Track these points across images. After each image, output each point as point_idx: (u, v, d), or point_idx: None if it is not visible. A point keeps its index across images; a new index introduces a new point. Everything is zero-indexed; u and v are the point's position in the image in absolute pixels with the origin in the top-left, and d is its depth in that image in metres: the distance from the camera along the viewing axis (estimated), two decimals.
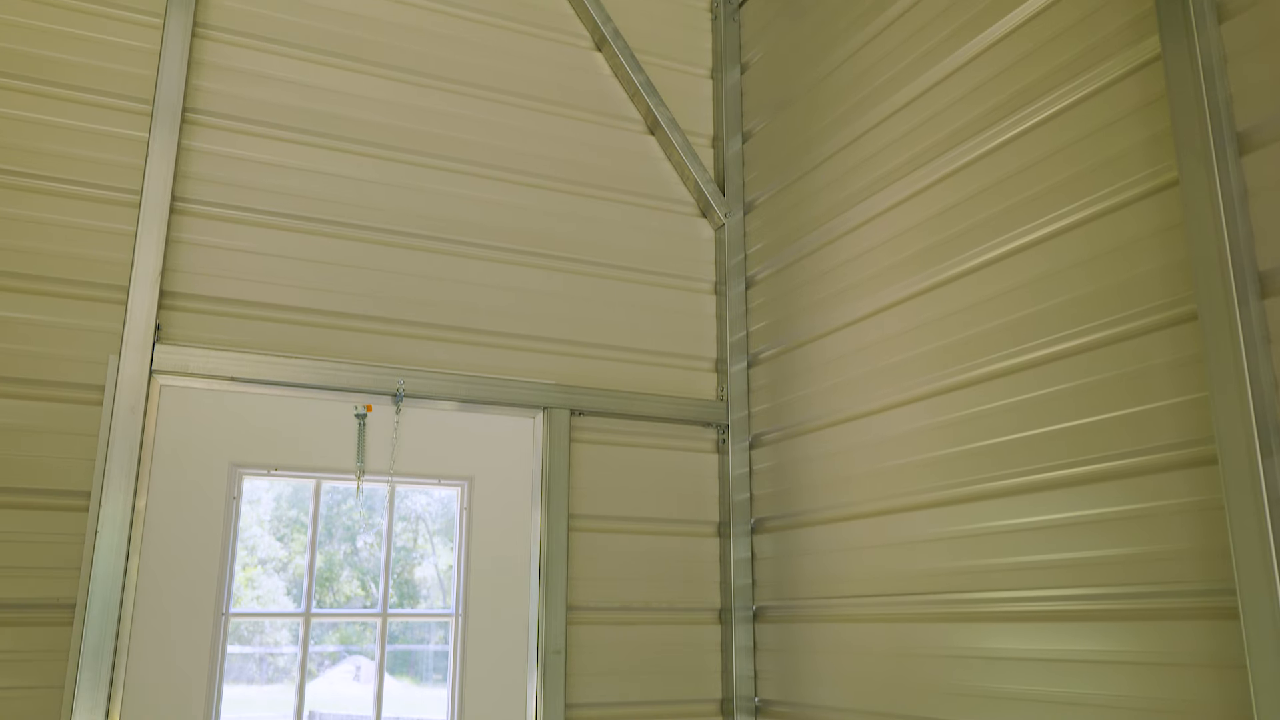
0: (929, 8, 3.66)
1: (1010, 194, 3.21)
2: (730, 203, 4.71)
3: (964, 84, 3.45)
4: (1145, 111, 2.77)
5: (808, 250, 4.22)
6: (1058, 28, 3.08)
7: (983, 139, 3.34)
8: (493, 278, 4.19)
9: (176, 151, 3.66)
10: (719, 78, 4.92)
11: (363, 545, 3.90)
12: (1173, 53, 2.62)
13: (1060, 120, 3.04)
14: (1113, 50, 2.89)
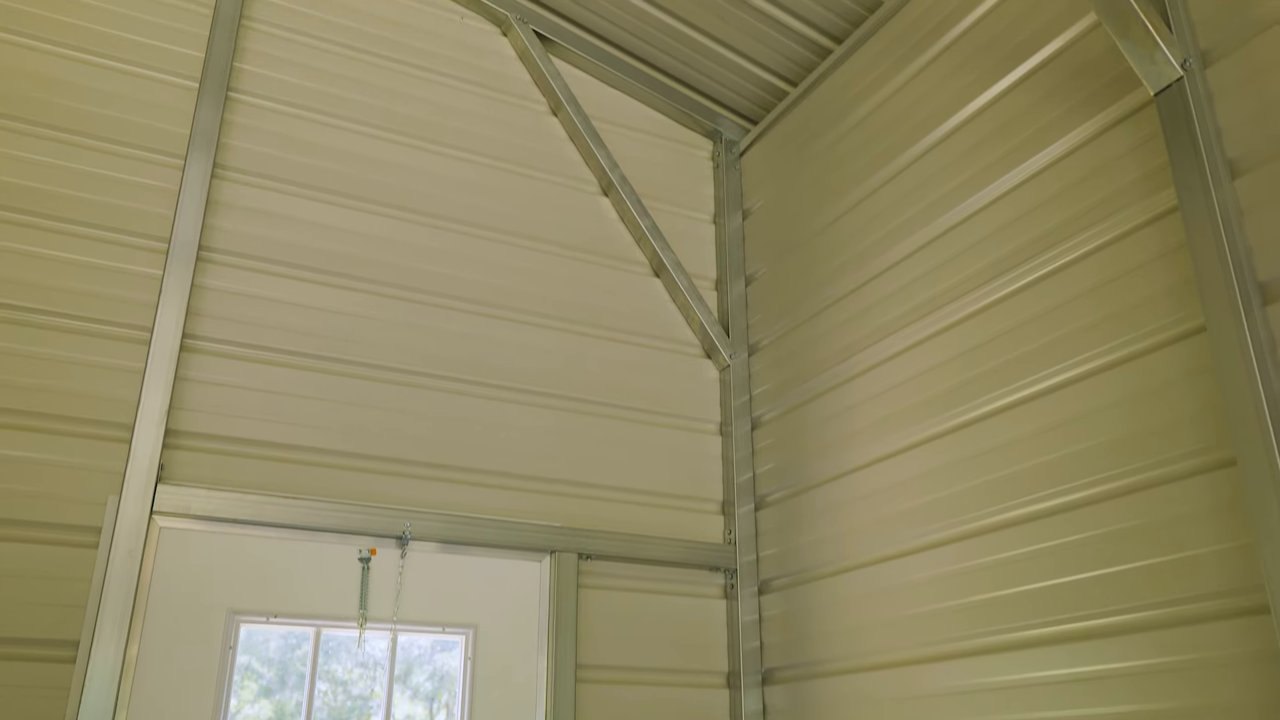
0: (937, 159, 3.78)
1: (1027, 340, 3.25)
2: (735, 344, 4.74)
3: (974, 233, 3.54)
4: (1166, 260, 2.84)
5: (816, 393, 4.22)
6: (1072, 178, 3.18)
7: (996, 285, 3.39)
8: (499, 417, 4.14)
9: (190, 289, 3.63)
10: (721, 223, 5.03)
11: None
12: (1190, 207, 2.71)
13: (1078, 267, 3.10)
14: (1129, 201, 2.97)
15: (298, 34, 4.25)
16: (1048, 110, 3.31)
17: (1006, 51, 3.52)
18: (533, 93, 4.78)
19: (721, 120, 5.16)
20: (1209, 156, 2.69)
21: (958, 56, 3.76)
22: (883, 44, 4.21)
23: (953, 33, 3.81)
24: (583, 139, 4.72)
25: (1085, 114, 3.16)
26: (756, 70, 4.84)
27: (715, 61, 4.86)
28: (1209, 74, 2.78)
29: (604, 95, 4.96)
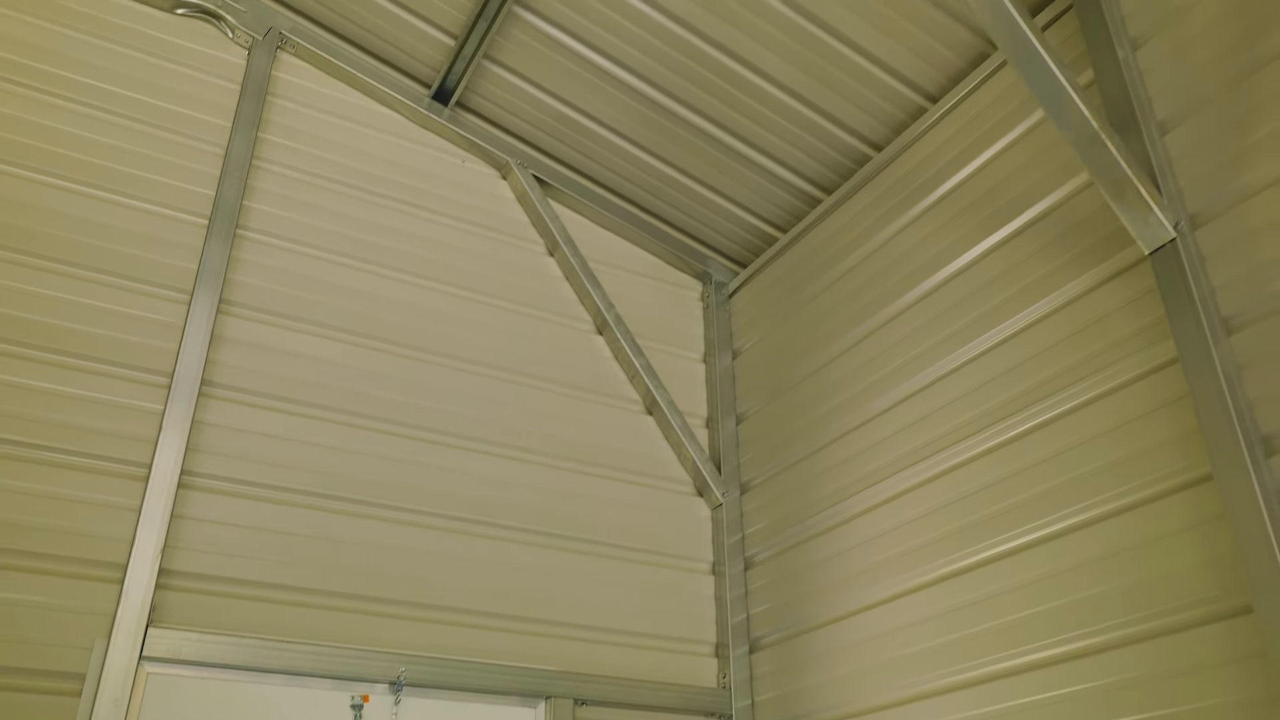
0: (929, 308, 3.91)
1: (1027, 486, 3.31)
2: (727, 482, 4.75)
3: (969, 381, 3.63)
4: (1168, 410, 2.93)
5: (811, 534, 4.23)
6: (1068, 330, 3.30)
7: (994, 431, 3.47)
8: (492, 555, 4.08)
9: (190, 424, 3.59)
10: (712, 362, 5.11)
11: None
12: (1191, 360, 2.82)
13: (1077, 416, 3.19)
14: (1127, 353, 3.09)
15: (307, 174, 4.34)
16: (1041, 264, 3.46)
17: (998, 207, 3.70)
18: (530, 233, 4.90)
19: (711, 262, 5.31)
20: (1206, 313, 2.82)
21: (949, 211, 3.94)
22: (872, 196, 4.41)
23: (943, 188, 4.00)
24: (579, 279, 4.82)
25: (1079, 269, 3.31)
26: (746, 216, 5.02)
27: (706, 207, 5.04)
28: (1199, 235, 2.95)
29: (599, 237, 5.09)
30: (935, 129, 4.14)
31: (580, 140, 4.86)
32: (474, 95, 4.79)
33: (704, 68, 4.36)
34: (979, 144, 3.87)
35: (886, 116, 4.36)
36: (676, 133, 4.68)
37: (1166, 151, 3.11)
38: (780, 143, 4.60)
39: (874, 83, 4.23)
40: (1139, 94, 3.22)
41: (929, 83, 4.19)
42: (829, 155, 4.60)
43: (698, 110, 4.56)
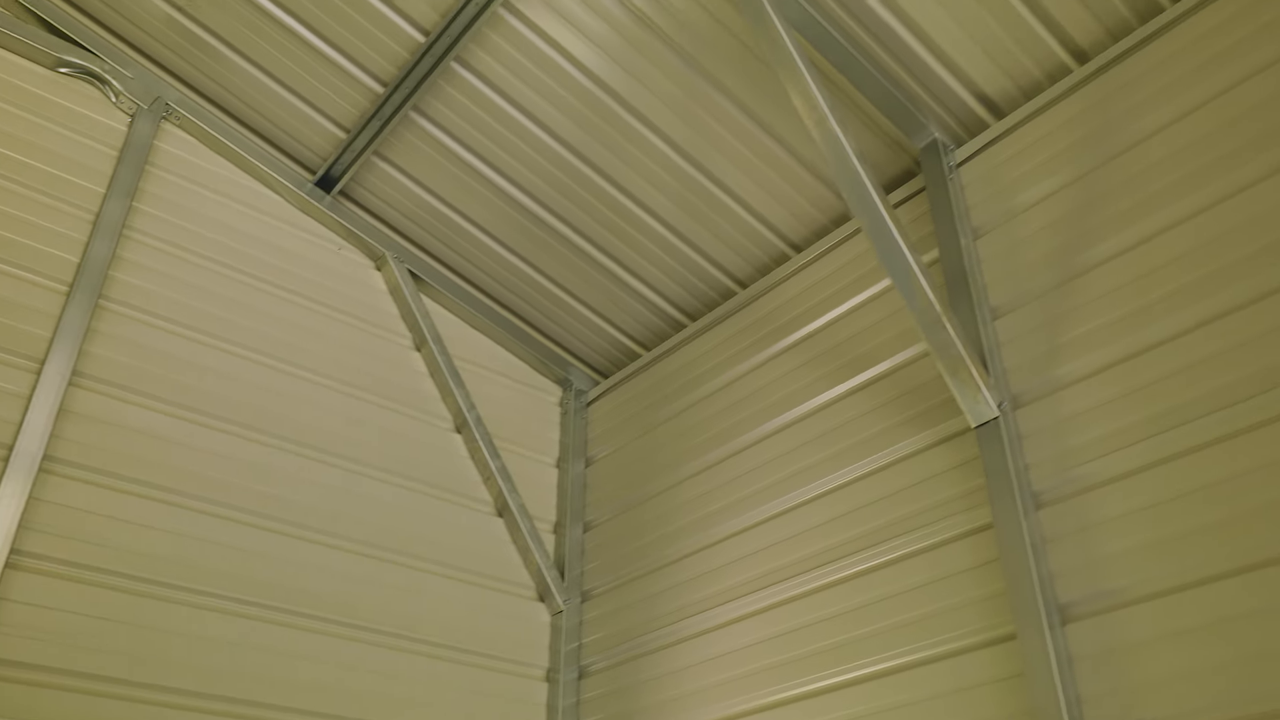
0: (777, 445, 4.16)
1: (850, 627, 3.54)
2: (569, 590, 4.84)
3: (807, 519, 3.89)
4: (981, 571, 3.24)
5: (646, 650, 4.36)
6: (899, 484, 3.60)
7: (824, 572, 3.71)
8: (320, 651, 4.00)
9: (26, 501, 3.43)
10: (565, 468, 5.23)
11: None
12: (1004, 529, 3.13)
13: (900, 566, 3.47)
14: (949, 513, 3.40)
15: (178, 248, 4.27)
16: (880, 420, 3.78)
17: (847, 360, 4.02)
18: (399, 327, 4.94)
19: (573, 370, 5.47)
20: (1019, 488, 3.16)
21: (802, 356, 4.24)
22: (733, 330, 4.68)
23: (799, 333, 4.30)
24: (442, 376, 4.88)
25: (914, 429, 3.63)
26: (611, 330, 5.22)
27: (573, 317, 5.21)
28: (1019, 415, 3.31)
29: (467, 336, 5.18)
30: (797, 276, 4.46)
31: (459, 241, 4.97)
32: (358, 187, 4.84)
33: (586, 191, 4.57)
34: (835, 298, 4.21)
35: (752, 258, 4.67)
36: (553, 246, 4.86)
37: (996, 335, 3.48)
38: (650, 267, 4.84)
39: (743, 226, 4.54)
40: (976, 279, 3.61)
41: (794, 233, 4.53)
42: (695, 285, 4.87)
43: (576, 228, 4.75)
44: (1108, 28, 3.56)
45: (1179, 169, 3.16)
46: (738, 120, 4.16)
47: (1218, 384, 2.84)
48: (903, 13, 3.65)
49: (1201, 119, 3.16)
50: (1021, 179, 3.65)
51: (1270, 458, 2.66)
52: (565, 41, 4.07)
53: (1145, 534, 2.86)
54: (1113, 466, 3.00)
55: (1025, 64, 3.72)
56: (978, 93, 3.84)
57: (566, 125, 4.35)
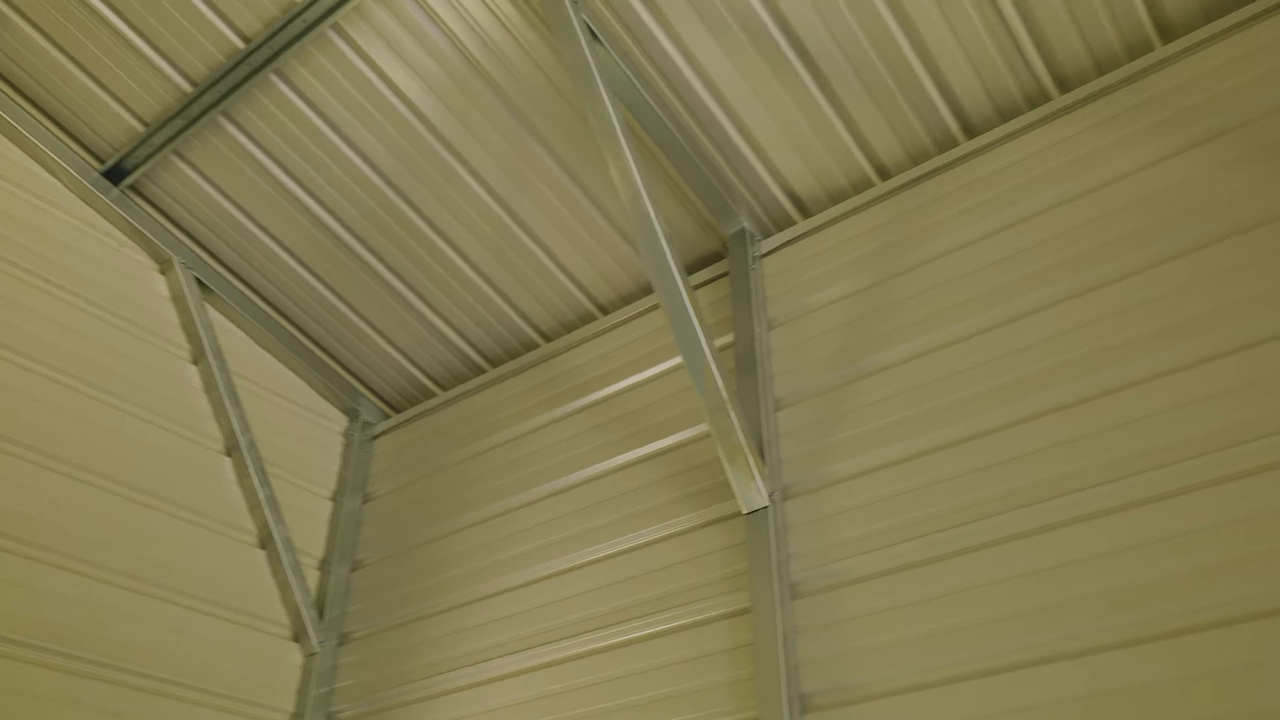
0: (560, 505, 4.15)
1: (605, 698, 3.55)
2: (326, 631, 4.63)
3: (577, 584, 3.89)
4: (734, 654, 3.32)
5: (401, 701, 4.22)
6: (671, 559, 3.65)
7: (584, 640, 3.71)
8: (41, 687, 3.65)
9: None
10: (340, 502, 5.03)
11: None
12: (760, 616, 3.23)
13: (660, 642, 3.52)
14: (713, 594, 3.47)
15: None
16: (660, 493, 3.83)
17: (637, 429, 4.07)
18: (178, 336, 4.63)
19: (362, 401, 5.28)
20: (779, 577, 3.27)
21: (596, 418, 4.26)
22: (532, 382, 4.66)
23: (595, 395, 4.33)
24: (218, 394, 4.61)
25: (690, 507, 3.71)
26: (407, 365, 5.09)
27: (368, 346, 5.05)
28: (788, 506, 3.43)
29: (251, 352, 4.92)
30: (600, 339, 4.50)
31: (255, 254, 4.73)
32: (150, 184, 4.54)
33: (397, 223, 4.46)
34: (633, 366, 4.26)
35: (559, 313, 4.68)
36: (356, 273, 4.71)
37: (777, 426, 3.62)
38: (455, 308, 4.76)
39: (553, 281, 4.54)
40: (765, 369, 3.74)
41: (602, 295, 4.56)
42: (499, 331, 4.82)
43: (382, 258, 4.62)
44: (909, 152, 3.80)
45: (962, 291, 3.39)
46: (558, 178, 4.17)
47: (969, 499, 3.04)
48: (727, 105, 3.78)
49: (988, 248, 3.41)
50: (819, 278, 3.83)
51: (1004, 573, 2.86)
52: (394, 74, 3.98)
53: (888, 634, 3.01)
54: (866, 566, 3.16)
55: (833, 170, 3.92)
56: (788, 189, 4.01)
57: (385, 156, 4.24)
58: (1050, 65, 3.52)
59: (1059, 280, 3.18)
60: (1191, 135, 3.14)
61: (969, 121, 3.70)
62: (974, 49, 3.51)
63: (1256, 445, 2.58)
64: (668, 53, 3.69)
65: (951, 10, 3.43)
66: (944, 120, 3.70)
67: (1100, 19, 3.38)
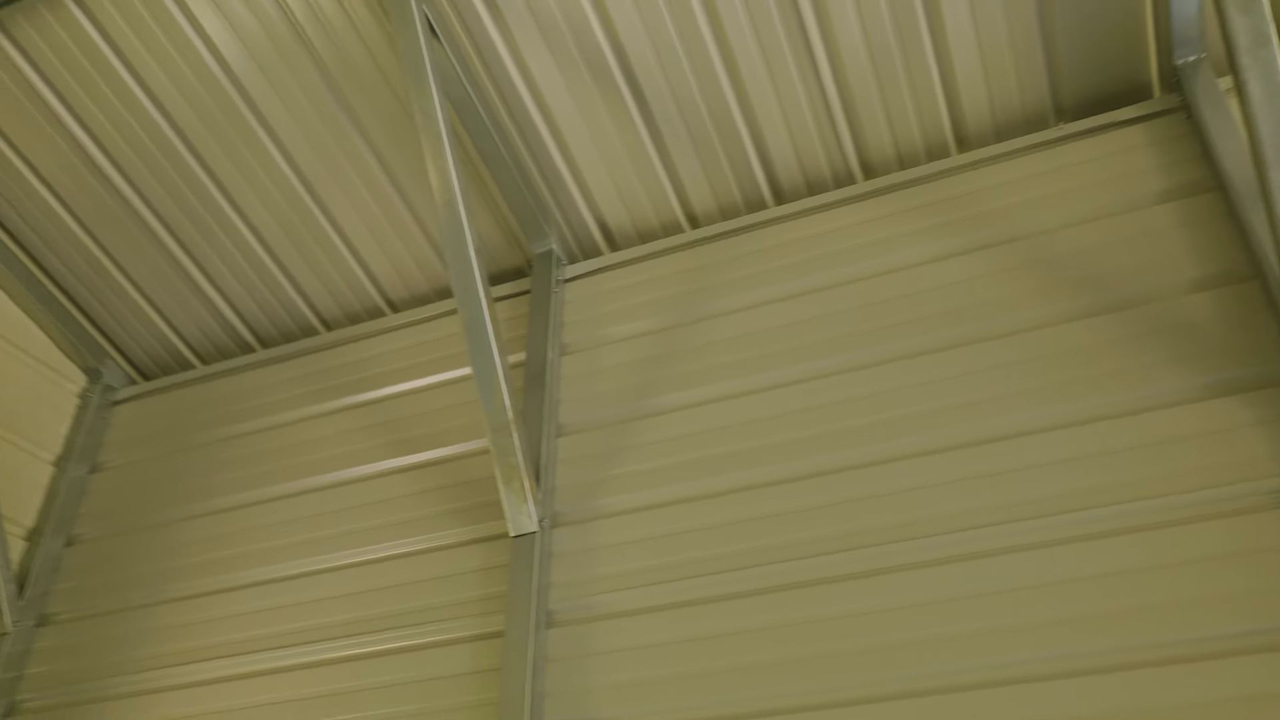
0: (314, 504, 3.94)
1: (334, 710, 3.39)
2: (25, 610, 4.16)
3: (320, 589, 3.70)
4: (480, 678, 3.25)
5: (99, 696, 3.85)
6: (430, 573, 3.55)
7: (320, 648, 3.55)
8: None
9: None
10: (64, 468, 4.55)
11: None
12: (512, 641, 3.19)
13: (406, 657, 3.41)
14: (466, 614, 3.40)
15: None
16: (428, 504, 3.72)
17: (412, 435, 3.94)
18: None
19: (109, 362, 4.81)
20: (536, 604, 3.24)
21: (370, 418, 4.09)
22: (306, 370, 4.41)
23: (373, 394, 4.16)
24: None
25: (456, 522, 3.62)
26: (166, 329, 4.69)
27: (124, 303, 4.61)
28: (555, 534, 3.42)
29: None
30: (385, 336, 4.33)
31: (6, 183, 4.23)
32: None
33: (180, 175, 4.12)
34: (417, 370, 4.13)
35: (345, 303, 4.47)
36: (121, 220, 4.30)
37: (555, 452, 3.61)
38: (230, 277, 4.45)
39: (345, 268, 4.34)
40: (552, 394, 3.73)
41: (394, 292, 4.41)
42: (277, 311, 4.54)
43: (154, 209, 4.26)
44: (721, 205, 3.93)
45: (745, 350, 3.52)
46: (370, 167, 4.01)
47: (727, 549, 3.14)
48: (555, 126, 3.77)
49: (774, 312, 3.57)
50: (618, 312, 3.87)
51: (749, 625, 2.97)
52: (205, 19, 3.70)
53: (635, 672, 3.05)
54: (623, 602, 3.20)
55: (647, 210, 3.98)
56: (600, 220, 4.04)
57: (180, 106, 3.92)
58: (860, 151, 3.75)
59: (829, 355, 3.38)
60: (968, 242, 3.42)
61: (780, 188, 3.88)
62: (795, 122, 3.68)
63: (975, 532, 2.85)
64: (504, 62, 3.64)
65: (781, 82, 3.59)
66: (758, 182, 3.85)
67: (909, 118, 3.64)
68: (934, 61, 3.52)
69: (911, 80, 3.56)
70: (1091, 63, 3.46)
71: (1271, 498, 2.62)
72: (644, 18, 3.49)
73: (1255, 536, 2.57)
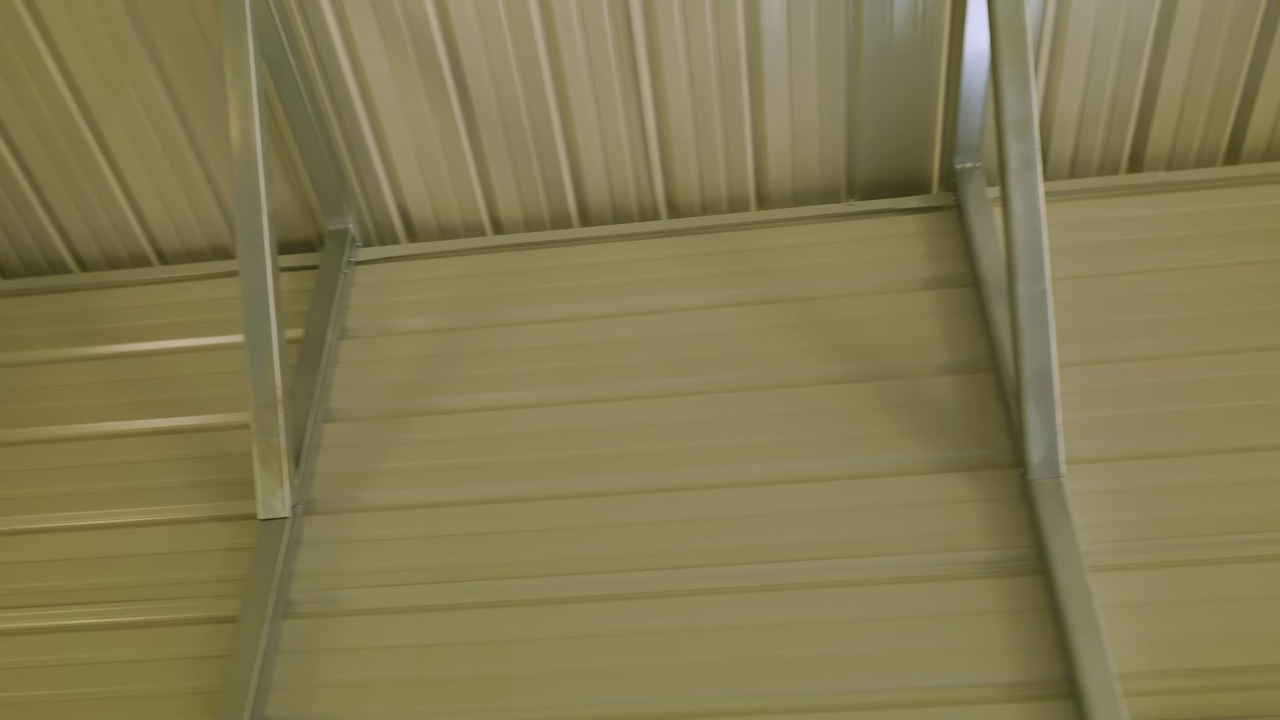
0: (38, 457, 3.62)
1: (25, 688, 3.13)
2: None
3: (32, 551, 3.40)
4: (208, 664, 3.08)
5: None
6: (174, 547, 3.31)
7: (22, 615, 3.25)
8: None
9: None
10: None
11: None
12: (245, 627, 3.05)
13: (125, 634, 3.17)
14: (203, 593, 3.21)
15: None
16: (174, 473, 3.49)
17: (164, 397, 3.68)
18: None
19: None
20: (277, 592, 3.12)
21: (119, 372, 3.79)
22: (50, 309, 4.03)
23: (123, 347, 3.86)
24: None
25: (203, 496, 3.42)
26: None
27: None
28: (307, 521, 3.31)
29: None
30: (150, 288, 4.03)
31: None
32: None
33: None
34: (181, 329, 3.87)
35: (107, 244, 4.13)
36: None
37: (319, 437, 3.49)
38: None
39: (113, 207, 4.02)
40: (325, 377, 3.61)
41: (165, 242, 4.13)
42: (23, 239, 4.13)
43: None
44: (527, 217, 3.96)
45: (522, 363, 3.55)
46: (161, 105, 3.74)
47: (477, 559, 3.15)
48: (371, 103, 3.68)
49: (557, 331, 3.61)
50: (406, 305, 3.80)
51: (492, 637, 2.99)
52: None
53: (367, 672, 2.99)
54: (364, 600, 3.13)
55: (453, 207, 3.95)
56: (403, 208, 3.96)
57: None
58: (668, 189, 3.89)
59: (606, 381, 3.45)
60: (753, 294, 3.61)
61: (587, 210, 3.95)
62: (612, 150, 3.77)
63: (703, 570, 3.02)
64: (330, 30, 3.52)
65: (605, 110, 3.67)
66: (567, 200, 3.91)
67: (718, 167, 3.82)
68: (749, 119, 3.71)
69: (726, 132, 3.73)
70: (886, 150, 3.77)
71: (980, 567, 2.93)
72: (482, 20, 3.47)
73: (962, 601, 2.86)
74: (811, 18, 3.47)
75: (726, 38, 3.51)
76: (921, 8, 3.44)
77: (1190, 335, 3.30)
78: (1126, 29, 3.48)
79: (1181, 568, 2.90)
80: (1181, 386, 3.20)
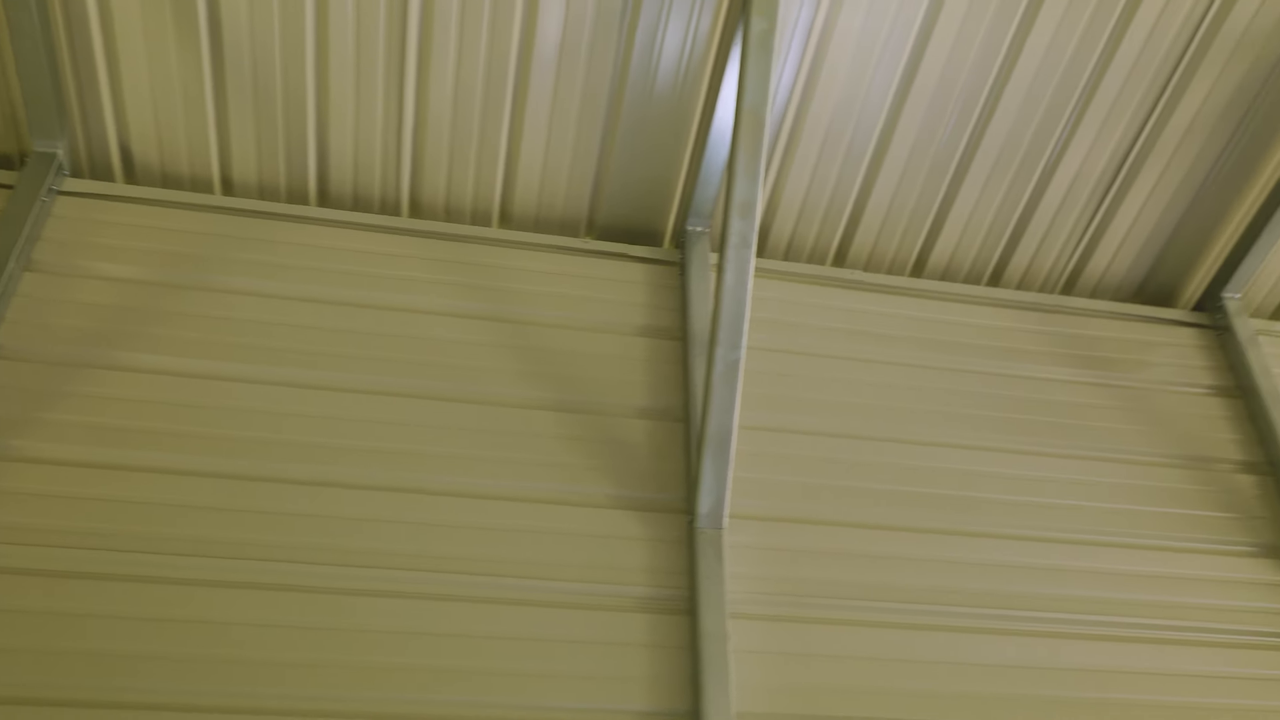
0: None
1: None
2: None
3: None
4: None
5: None
6: None
7: None
8: None
9: None
10: None
11: None
12: None
13: None
14: None
15: None
16: None
17: None
18: None
19: None
20: None
21: None
22: None
23: None
24: None
25: None
26: None
27: None
28: None
29: None
30: None
31: None
32: None
33: None
34: None
35: None
36: None
37: None
38: None
39: None
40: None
41: None
42: None
43: None
44: (261, 184, 3.81)
45: (225, 334, 3.39)
46: None
47: (133, 529, 2.98)
48: (111, 32, 3.43)
49: (264, 307, 3.48)
50: (107, 248, 3.53)
51: (128, 612, 2.83)
52: None
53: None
54: (6, 558, 2.88)
55: (181, 158, 3.73)
56: (125, 145, 3.70)
57: None
58: (414, 188, 3.87)
59: (305, 367, 3.37)
60: (478, 309, 3.65)
61: (327, 191, 3.86)
62: (364, 136, 3.72)
63: (353, 570, 3.02)
64: None
65: (365, 93, 3.62)
66: (307, 176, 3.80)
67: (468, 177, 3.85)
68: (506, 137, 3.78)
69: (481, 144, 3.77)
70: (628, 197, 3.95)
71: (635, 601, 3.11)
72: None
73: (612, 631, 3.03)
74: (582, 57, 3.60)
75: (499, 52, 3.56)
76: (684, 71, 3.65)
77: (856, 420, 3.68)
78: (853, 138, 3.86)
79: (810, 624, 3.22)
80: (840, 464, 3.56)
